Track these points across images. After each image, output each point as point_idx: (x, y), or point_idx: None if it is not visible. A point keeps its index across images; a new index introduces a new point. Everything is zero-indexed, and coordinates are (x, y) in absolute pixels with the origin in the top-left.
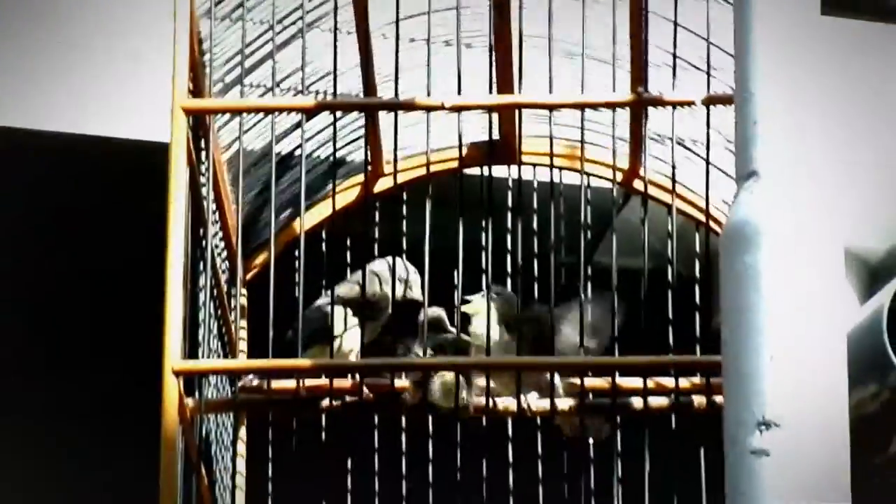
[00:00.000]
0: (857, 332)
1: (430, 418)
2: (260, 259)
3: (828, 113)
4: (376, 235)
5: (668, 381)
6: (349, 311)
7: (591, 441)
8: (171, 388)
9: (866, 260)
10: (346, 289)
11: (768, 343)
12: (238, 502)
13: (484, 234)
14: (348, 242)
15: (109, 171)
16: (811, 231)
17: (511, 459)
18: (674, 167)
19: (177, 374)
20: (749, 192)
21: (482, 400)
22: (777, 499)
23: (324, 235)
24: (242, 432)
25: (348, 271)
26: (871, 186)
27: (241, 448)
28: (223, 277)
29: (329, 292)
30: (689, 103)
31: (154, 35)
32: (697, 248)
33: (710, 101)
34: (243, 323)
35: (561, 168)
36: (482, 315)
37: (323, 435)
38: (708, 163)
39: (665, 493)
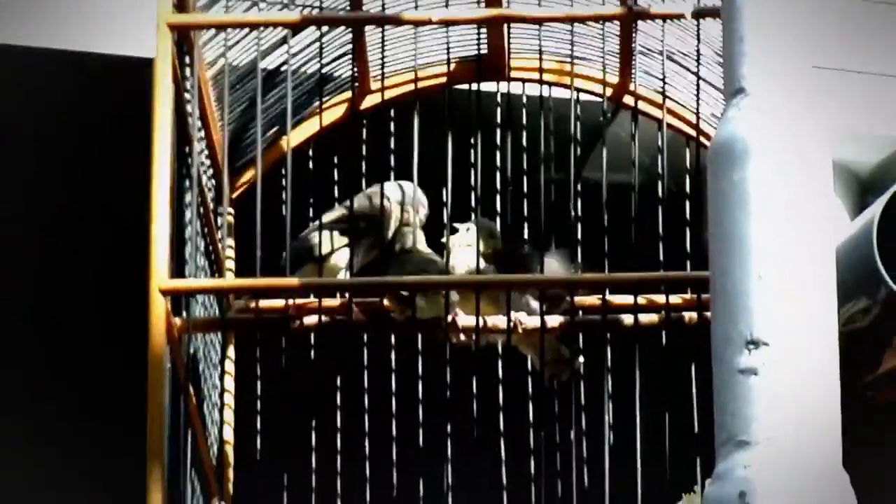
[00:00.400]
0: (848, 246)
1: (420, 337)
2: (247, 177)
3: (817, 27)
4: (363, 152)
5: (659, 298)
6: (336, 233)
7: (580, 359)
8: (158, 307)
9: (857, 173)
10: (337, 210)
11: (756, 261)
12: (226, 420)
13: (473, 151)
14: (335, 160)
15: (92, 86)
16: (799, 147)
17: (501, 377)
18: (664, 81)
19: (164, 293)
20: (737, 108)
21: (472, 320)
22: (765, 418)
23: (311, 153)
24: (231, 351)
25: (335, 189)
26: (862, 101)
27: (230, 366)
28: (209, 195)
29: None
30: (679, 16)
31: None
32: (688, 164)
33: (699, 14)
34: (231, 241)
35: (550, 83)
36: (461, 248)
37: (311, 353)
38: (698, 77)
39: (656, 411)
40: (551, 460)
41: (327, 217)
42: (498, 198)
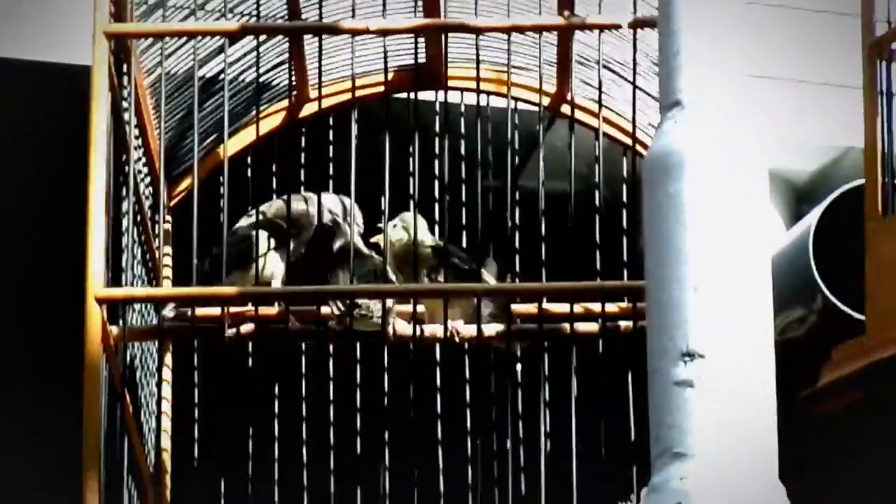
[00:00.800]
0: (784, 255)
1: (358, 345)
2: (184, 184)
3: (753, 39)
4: (302, 160)
5: (597, 306)
6: (266, 235)
7: (518, 367)
8: (95, 316)
9: (792, 182)
10: (266, 206)
11: (692, 273)
12: (163, 428)
13: (410, 159)
14: (274, 168)
15: (28, 94)
16: (734, 159)
17: (439, 384)
18: (600, 91)
19: (100, 301)
20: (672, 121)
21: (409, 328)
22: (701, 430)
23: (249, 161)
24: (168, 359)
25: (274, 196)
26: (797, 110)
27: (167, 374)
28: (147, 203)
29: (248, 213)
30: (616, 27)
31: None
32: (625, 173)
33: (636, 25)
34: (168, 249)
35: (488, 93)
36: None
37: (249, 361)
38: (634, 87)
39: (593, 419)
40: (488, 468)
41: (248, 220)
42: (436, 206)
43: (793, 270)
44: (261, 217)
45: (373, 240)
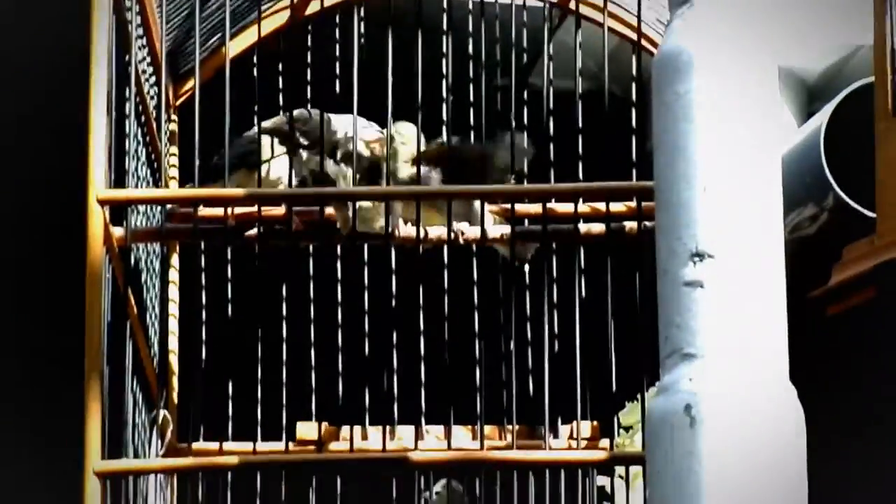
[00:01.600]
0: (795, 153)
1: (365, 247)
2: (189, 84)
3: None
4: (307, 59)
5: (603, 206)
6: (276, 140)
7: (525, 268)
8: (96, 218)
9: (804, 80)
10: (275, 119)
11: (701, 173)
12: (170, 330)
13: (416, 57)
14: (280, 67)
15: None
16: (744, 58)
17: (446, 286)
18: None
19: (101, 202)
20: (681, 19)
21: (412, 230)
22: (711, 331)
23: (254, 60)
24: (174, 260)
25: (279, 96)
26: (809, 6)
27: (173, 275)
28: (151, 103)
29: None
30: None
31: None
32: (633, 71)
33: None
34: (174, 150)
35: None
36: (400, 148)
37: (256, 262)
38: None
39: (600, 320)
40: (496, 369)
41: (266, 123)
42: (442, 105)
43: (804, 168)
44: (269, 125)
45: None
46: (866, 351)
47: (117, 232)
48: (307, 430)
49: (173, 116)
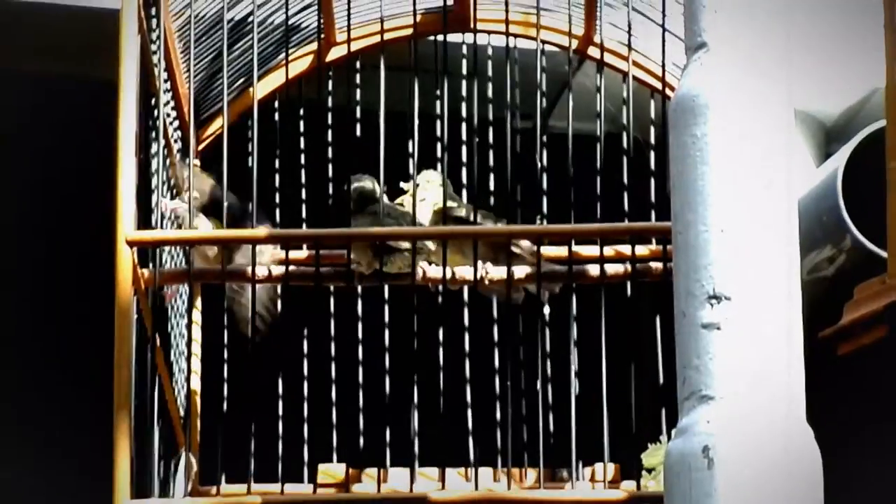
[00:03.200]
0: (814, 194)
1: (386, 288)
2: (213, 128)
3: None
4: (329, 104)
5: (626, 249)
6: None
7: (546, 308)
8: (125, 259)
9: (822, 121)
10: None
11: (718, 215)
12: (194, 370)
13: (438, 102)
14: (301, 112)
15: (58, 37)
16: (760, 100)
17: (467, 324)
18: (629, 33)
19: (130, 244)
20: (699, 63)
21: (438, 270)
22: (728, 373)
23: (276, 105)
24: (198, 301)
25: (301, 140)
26: (828, 48)
27: (197, 316)
28: (176, 147)
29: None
30: None
31: None
32: (653, 115)
33: None
34: (197, 193)
35: (516, 35)
36: (420, 200)
37: (279, 304)
38: (664, 28)
39: (621, 362)
40: (517, 408)
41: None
42: (464, 148)
43: (822, 209)
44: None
45: (398, 201)
46: (877, 391)
47: (145, 273)
48: (330, 470)
49: (196, 160)
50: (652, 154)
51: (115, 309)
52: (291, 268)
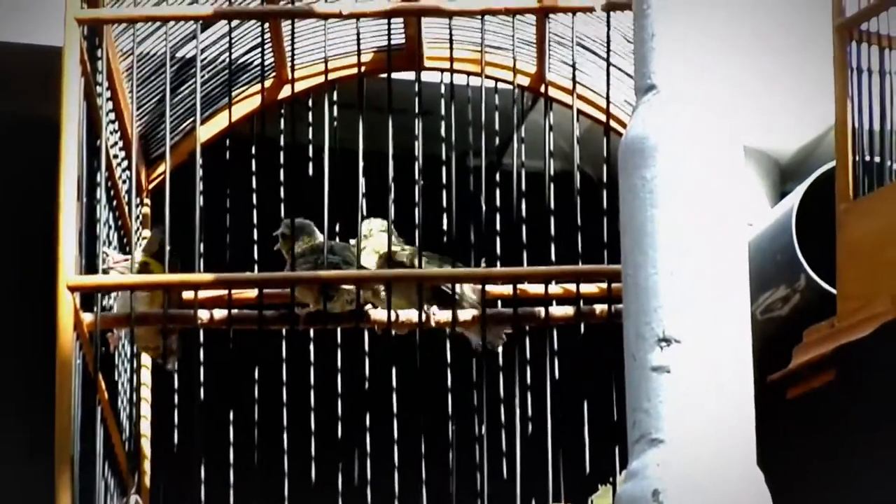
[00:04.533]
0: (768, 233)
1: (338, 332)
2: (162, 168)
3: (728, 23)
4: (281, 143)
5: (574, 288)
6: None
7: (499, 350)
8: (67, 305)
9: (777, 160)
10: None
11: (667, 258)
12: (142, 414)
13: (390, 141)
14: (252, 150)
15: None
16: (710, 144)
17: (419, 369)
18: (574, 70)
19: (72, 289)
20: (647, 105)
21: (383, 314)
22: (678, 416)
23: (227, 143)
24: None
25: (252, 179)
26: (782, 88)
27: (145, 359)
28: (123, 188)
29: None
30: (589, 10)
31: None
32: (604, 153)
33: (609, 7)
34: (146, 234)
35: (465, 73)
36: (365, 249)
37: (228, 346)
38: (609, 67)
39: (574, 402)
40: (469, 451)
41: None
42: (414, 187)
43: (776, 248)
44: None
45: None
46: (826, 435)
47: (87, 318)
48: None
49: (146, 200)
50: (604, 192)
51: (56, 355)
52: (235, 311)
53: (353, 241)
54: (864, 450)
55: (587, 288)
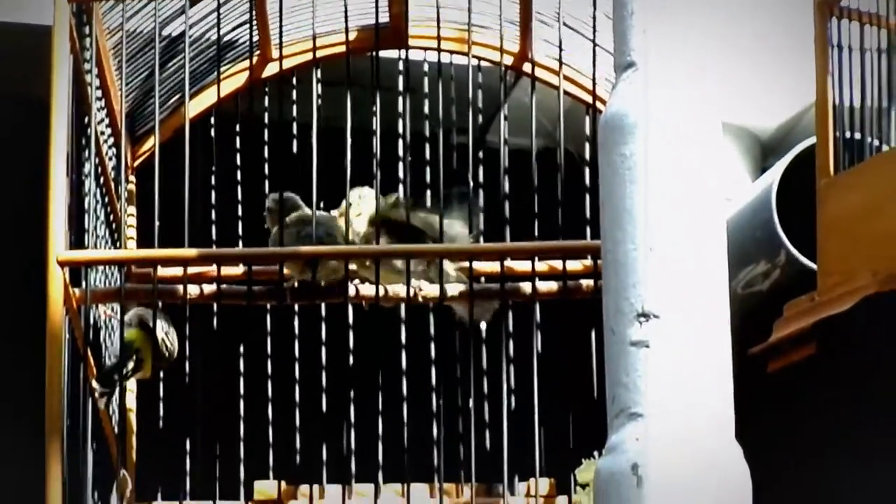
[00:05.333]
0: (748, 209)
1: (323, 306)
2: (148, 145)
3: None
4: (266, 120)
5: (560, 265)
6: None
7: (483, 325)
8: (56, 279)
9: (758, 136)
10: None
11: (647, 234)
12: (129, 387)
13: (373, 118)
14: (238, 127)
15: None
16: (689, 120)
17: (404, 342)
18: (560, 49)
19: (61, 264)
20: (627, 82)
21: (371, 288)
22: (657, 391)
23: (212, 121)
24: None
25: (237, 156)
26: (759, 64)
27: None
28: (111, 164)
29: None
30: None
31: None
32: (587, 131)
33: None
34: (132, 210)
35: (450, 51)
36: (356, 217)
37: (214, 321)
38: (595, 45)
39: (556, 377)
40: (454, 426)
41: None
42: (399, 164)
43: (756, 224)
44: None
45: (334, 212)
46: (806, 408)
47: (77, 292)
48: (265, 488)
49: (131, 177)
50: (587, 169)
51: (46, 330)
52: (223, 286)
53: (337, 211)
54: (844, 423)
55: (572, 265)
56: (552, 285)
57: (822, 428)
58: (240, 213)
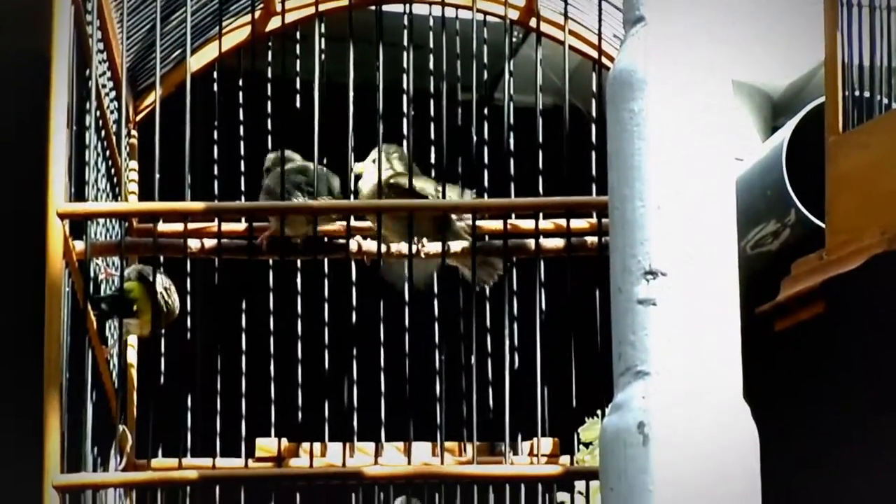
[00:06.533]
0: (759, 168)
1: (325, 261)
2: (150, 99)
3: None
4: (268, 74)
5: (564, 222)
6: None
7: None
8: (56, 232)
9: (769, 95)
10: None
11: (655, 191)
12: (130, 343)
13: (377, 73)
14: (240, 82)
15: None
16: (699, 76)
17: (407, 300)
18: (566, 2)
19: (61, 216)
20: (636, 37)
21: (373, 244)
22: (664, 349)
23: (215, 76)
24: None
25: (240, 111)
26: (776, 22)
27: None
28: (112, 118)
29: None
30: None
31: None
32: (593, 87)
33: None
34: (134, 164)
35: (455, 6)
36: (366, 177)
37: (216, 277)
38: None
39: (561, 335)
40: (456, 384)
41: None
42: (403, 121)
43: (767, 183)
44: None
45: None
46: (814, 367)
47: (77, 246)
48: (267, 445)
49: (133, 131)
50: (593, 126)
51: (45, 282)
52: (224, 241)
53: (360, 165)
54: (852, 381)
55: (577, 223)
56: (557, 242)
57: (830, 385)
58: (242, 168)
